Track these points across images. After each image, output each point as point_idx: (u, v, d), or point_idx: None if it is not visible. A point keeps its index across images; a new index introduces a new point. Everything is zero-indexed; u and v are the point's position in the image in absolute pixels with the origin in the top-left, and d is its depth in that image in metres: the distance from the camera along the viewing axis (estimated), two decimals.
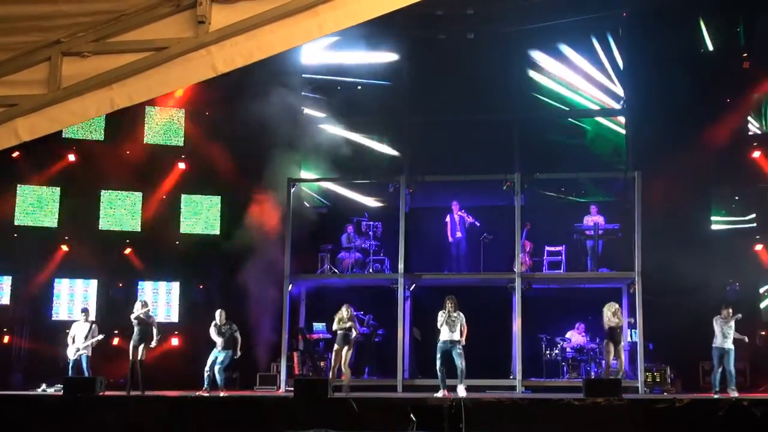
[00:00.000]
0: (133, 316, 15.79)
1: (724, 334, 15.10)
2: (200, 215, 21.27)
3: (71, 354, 16.20)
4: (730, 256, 18.77)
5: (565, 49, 20.70)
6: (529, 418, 12.34)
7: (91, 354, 16.37)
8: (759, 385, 17.00)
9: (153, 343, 15.86)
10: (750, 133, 19.68)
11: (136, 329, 15.68)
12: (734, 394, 14.38)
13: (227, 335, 15.79)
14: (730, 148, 19.06)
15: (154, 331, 15.83)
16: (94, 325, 16.45)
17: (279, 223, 19.21)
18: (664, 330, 17.45)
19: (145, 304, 16.10)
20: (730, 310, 15.23)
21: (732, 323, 15.12)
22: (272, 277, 19.01)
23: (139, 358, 15.59)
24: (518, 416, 12.36)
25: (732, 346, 15.13)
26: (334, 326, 15.82)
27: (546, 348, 18.27)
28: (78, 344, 16.19)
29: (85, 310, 16.89)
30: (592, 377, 16.83)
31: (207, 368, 15.68)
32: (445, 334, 14.65)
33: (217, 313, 16.00)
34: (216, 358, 15.74)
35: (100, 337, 16.43)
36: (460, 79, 20.24)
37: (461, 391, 14.22)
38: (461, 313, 14.75)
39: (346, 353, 15.62)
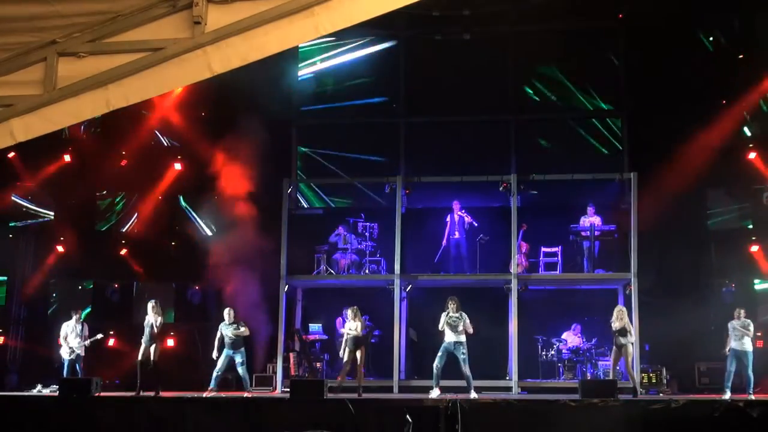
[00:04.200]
0: (152, 322, 15.43)
1: (739, 337, 14.85)
2: (197, 216, 21.27)
3: (65, 354, 16.17)
4: (726, 257, 18.76)
5: (561, 50, 20.66)
6: (525, 419, 12.38)
7: (85, 354, 16.33)
8: (755, 387, 16.97)
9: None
10: (746, 134, 19.69)
11: (147, 330, 15.46)
12: (751, 397, 14.19)
13: (237, 335, 15.42)
14: (727, 149, 19.04)
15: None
16: (84, 325, 16.40)
17: (275, 224, 19.15)
18: (659, 331, 17.43)
19: (156, 305, 15.88)
20: (743, 312, 15.06)
21: (749, 326, 14.87)
22: (268, 277, 18.99)
23: (152, 358, 15.28)
24: (514, 417, 12.40)
25: (750, 348, 14.78)
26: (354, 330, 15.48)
27: (542, 349, 18.27)
28: (73, 344, 16.13)
29: (75, 311, 16.82)
30: (588, 378, 16.83)
31: (217, 369, 15.30)
32: (448, 336, 14.59)
33: (226, 311, 15.57)
34: (231, 359, 15.30)
35: (99, 336, 16.35)
36: (456, 79, 20.25)
37: (472, 394, 14.15)
38: (464, 314, 14.69)
39: (356, 356, 15.34)
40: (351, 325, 15.31)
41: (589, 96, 20.82)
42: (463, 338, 14.53)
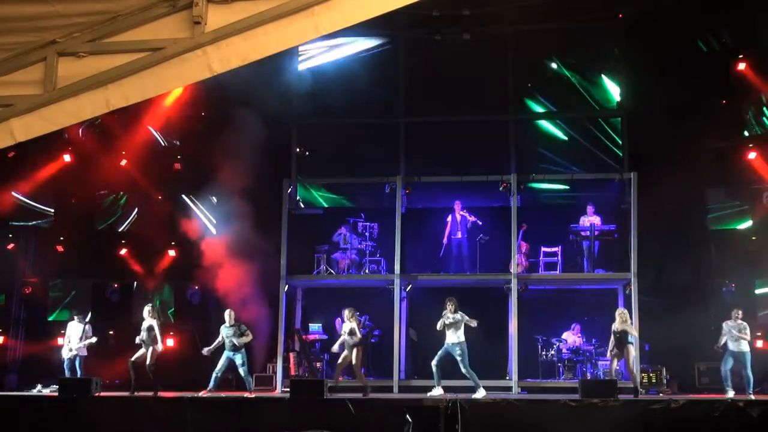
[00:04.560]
0: (147, 325, 15.55)
1: (736, 337, 14.93)
2: (197, 216, 21.26)
3: (66, 354, 16.22)
4: (726, 257, 18.76)
5: (561, 50, 20.68)
6: (525, 419, 12.38)
7: (86, 354, 16.36)
8: (755, 386, 16.97)
9: (159, 347, 15.67)
10: (746, 134, 19.68)
11: (144, 333, 15.50)
12: (751, 397, 14.30)
13: (237, 335, 15.49)
14: (726, 149, 19.06)
15: (158, 335, 15.69)
16: (87, 326, 16.42)
17: (275, 223, 19.15)
18: (659, 331, 17.44)
19: (153, 308, 15.90)
20: (740, 313, 15.12)
21: (745, 330, 14.96)
22: (268, 277, 18.99)
23: (149, 362, 15.37)
24: (514, 417, 12.41)
25: (747, 349, 14.92)
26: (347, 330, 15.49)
27: (542, 349, 18.28)
28: (72, 345, 16.18)
29: (78, 311, 16.83)
30: (588, 378, 16.83)
31: (217, 370, 15.37)
32: (448, 337, 14.63)
33: (227, 313, 15.64)
34: (231, 360, 15.37)
35: (93, 339, 16.36)
36: (456, 79, 20.24)
37: (480, 393, 14.17)
38: (462, 314, 14.71)
39: (355, 356, 15.35)
40: (346, 327, 15.35)
41: (589, 96, 20.80)
42: (461, 338, 14.56)
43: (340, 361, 15.35)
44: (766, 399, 13.08)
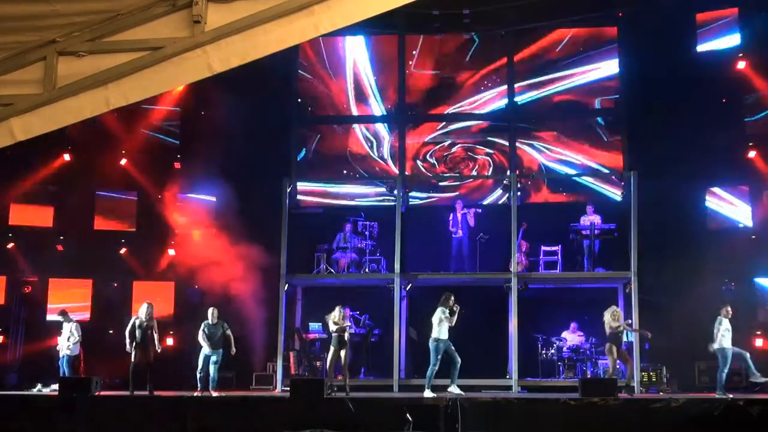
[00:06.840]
0: (143, 323, 15.61)
1: (727, 336, 15.00)
2: (195, 215, 21.24)
3: (61, 351, 16.30)
4: (726, 257, 18.75)
5: (561, 50, 20.68)
6: (525, 417, 12.38)
7: (85, 354, 16.36)
8: (755, 385, 16.96)
9: (158, 347, 15.73)
10: (746, 133, 19.67)
11: (138, 332, 15.55)
12: (760, 380, 14.48)
13: (218, 335, 15.65)
14: (726, 147, 19.04)
15: (156, 334, 15.75)
16: (73, 325, 16.40)
17: (275, 222, 19.14)
18: (659, 330, 17.43)
19: (150, 307, 15.99)
20: (729, 308, 15.21)
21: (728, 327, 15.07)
22: (268, 276, 18.98)
23: (145, 360, 15.46)
24: (514, 416, 12.40)
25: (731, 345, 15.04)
26: (331, 327, 15.78)
27: (542, 348, 18.28)
28: (67, 343, 16.24)
29: (63, 312, 16.86)
30: (588, 377, 16.84)
31: (199, 369, 15.58)
32: (444, 333, 14.67)
33: (210, 311, 15.90)
34: (209, 358, 15.59)
35: (75, 339, 16.30)
36: (455, 78, 20.24)
37: (455, 389, 14.21)
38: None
39: (343, 354, 15.51)
40: (339, 326, 15.43)
41: (589, 95, 20.80)
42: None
43: (330, 361, 15.41)
44: (766, 398, 13.07)
